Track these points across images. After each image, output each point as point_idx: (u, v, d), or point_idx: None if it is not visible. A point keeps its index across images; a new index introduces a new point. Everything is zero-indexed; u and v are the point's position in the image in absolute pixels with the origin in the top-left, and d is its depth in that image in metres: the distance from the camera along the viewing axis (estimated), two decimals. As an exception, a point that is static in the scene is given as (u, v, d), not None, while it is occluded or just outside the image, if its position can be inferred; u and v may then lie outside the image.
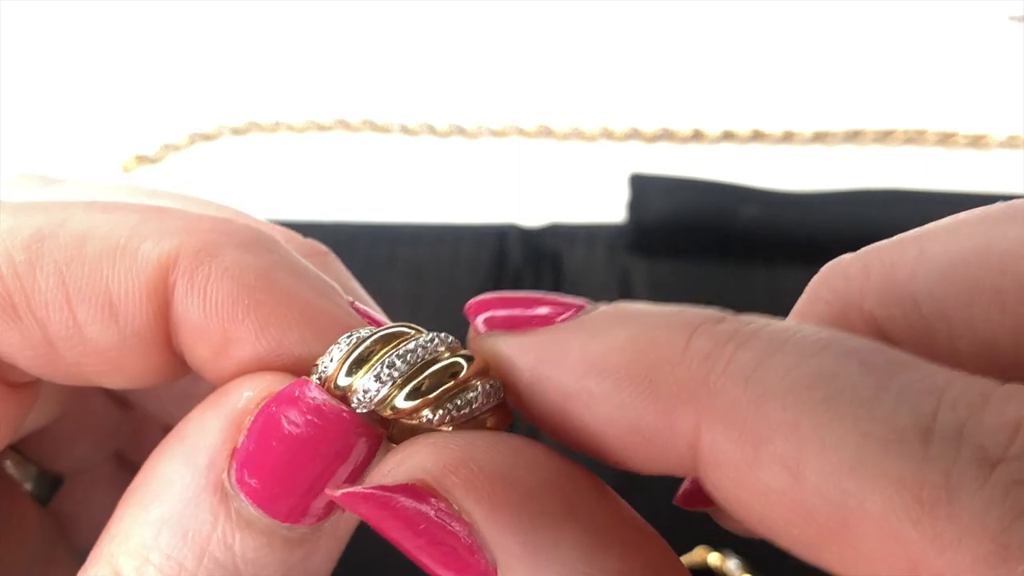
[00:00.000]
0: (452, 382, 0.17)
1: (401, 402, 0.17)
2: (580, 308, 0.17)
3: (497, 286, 0.45)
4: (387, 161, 0.54)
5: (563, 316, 0.17)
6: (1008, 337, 0.17)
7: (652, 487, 0.19)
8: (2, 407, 0.20)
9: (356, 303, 0.21)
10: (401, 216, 0.49)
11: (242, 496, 0.18)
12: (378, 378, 0.17)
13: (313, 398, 0.18)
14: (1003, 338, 0.17)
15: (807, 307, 0.20)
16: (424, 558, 0.16)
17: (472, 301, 0.18)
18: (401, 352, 0.17)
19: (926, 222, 0.19)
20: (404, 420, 0.18)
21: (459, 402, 0.17)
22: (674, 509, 0.20)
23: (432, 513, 0.16)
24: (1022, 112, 0.54)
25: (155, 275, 0.19)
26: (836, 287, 0.20)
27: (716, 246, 0.46)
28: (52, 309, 0.19)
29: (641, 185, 0.49)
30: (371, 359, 0.18)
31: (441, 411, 0.17)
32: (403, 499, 0.16)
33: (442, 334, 0.18)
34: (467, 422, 0.17)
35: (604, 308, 0.17)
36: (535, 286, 0.45)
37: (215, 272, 0.19)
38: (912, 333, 0.18)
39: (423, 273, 0.46)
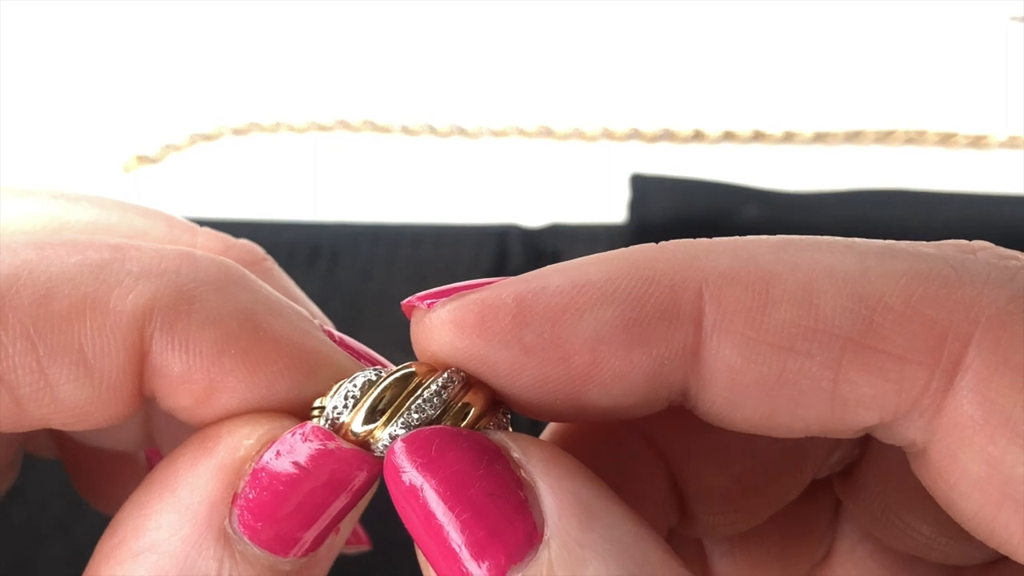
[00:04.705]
0: (457, 410, 0.18)
1: None
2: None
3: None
4: (388, 161, 0.54)
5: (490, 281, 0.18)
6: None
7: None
8: None
9: (329, 329, 0.21)
10: (402, 216, 0.49)
11: (247, 539, 0.18)
12: (407, 426, 0.18)
13: (322, 441, 0.18)
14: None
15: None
16: (469, 516, 0.16)
17: (405, 300, 0.19)
18: (421, 403, 0.18)
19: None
20: None
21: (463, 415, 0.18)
22: None
23: (491, 460, 0.17)
24: (1022, 112, 0.54)
25: (131, 329, 0.18)
26: None
27: (717, 246, 0.46)
28: (22, 372, 0.18)
29: (642, 185, 0.49)
30: (391, 407, 0.18)
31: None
32: (471, 439, 0.17)
33: (451, 369, 0.18)
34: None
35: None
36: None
37: (195, 323, 0.18)
38: None
39: (424, 273, 0.46)
